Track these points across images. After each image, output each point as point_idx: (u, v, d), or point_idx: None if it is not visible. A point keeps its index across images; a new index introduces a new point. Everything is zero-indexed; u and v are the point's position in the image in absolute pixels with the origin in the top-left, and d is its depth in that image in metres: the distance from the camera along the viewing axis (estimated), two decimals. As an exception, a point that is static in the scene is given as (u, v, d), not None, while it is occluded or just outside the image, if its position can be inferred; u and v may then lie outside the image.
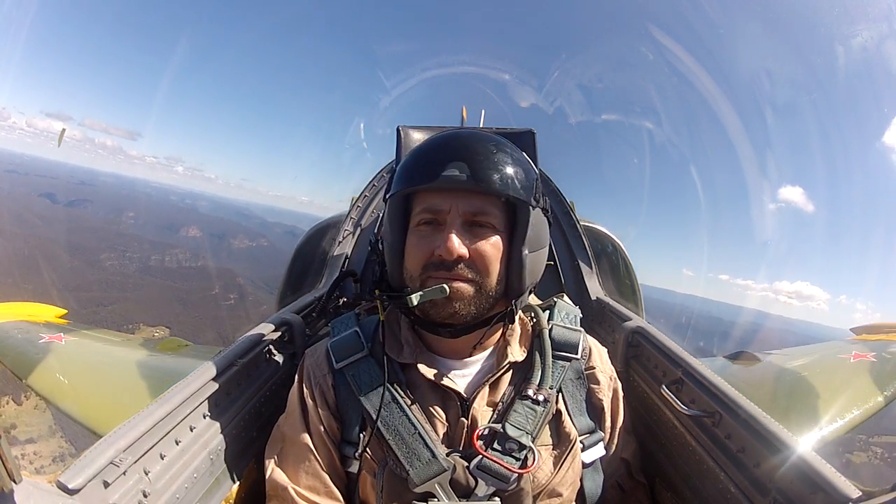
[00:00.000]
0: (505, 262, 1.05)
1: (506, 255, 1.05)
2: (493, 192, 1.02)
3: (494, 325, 1.09)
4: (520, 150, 1.12)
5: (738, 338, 69.43)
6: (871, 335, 3.25)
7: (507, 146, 1.09)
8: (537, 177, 1.09)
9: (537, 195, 1.07)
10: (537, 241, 1.08)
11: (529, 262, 1.06)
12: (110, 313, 61.92)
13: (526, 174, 1.06)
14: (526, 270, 1.05)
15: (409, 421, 1.03)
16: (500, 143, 1.09)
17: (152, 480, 0.95)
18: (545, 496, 1.05)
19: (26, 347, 2.72)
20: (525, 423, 1.04)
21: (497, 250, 1.04)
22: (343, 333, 1.17)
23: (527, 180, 1.05)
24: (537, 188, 1.07)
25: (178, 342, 3.23)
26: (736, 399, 1.07)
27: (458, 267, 1.01)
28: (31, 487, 0.70)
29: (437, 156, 1.04)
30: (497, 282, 1.05)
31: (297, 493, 1.05)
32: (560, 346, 1.16)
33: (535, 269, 1.10)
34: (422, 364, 1.10)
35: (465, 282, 1.02)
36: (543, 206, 1.09)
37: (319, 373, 1.16)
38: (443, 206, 1.02)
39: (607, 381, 1.21)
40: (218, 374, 1.20)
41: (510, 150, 1.08)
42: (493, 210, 1.04)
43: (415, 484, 0.99)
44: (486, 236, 1.03)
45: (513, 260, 1.05)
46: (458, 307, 1.02)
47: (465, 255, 1.00)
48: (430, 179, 1.02)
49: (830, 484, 0.81)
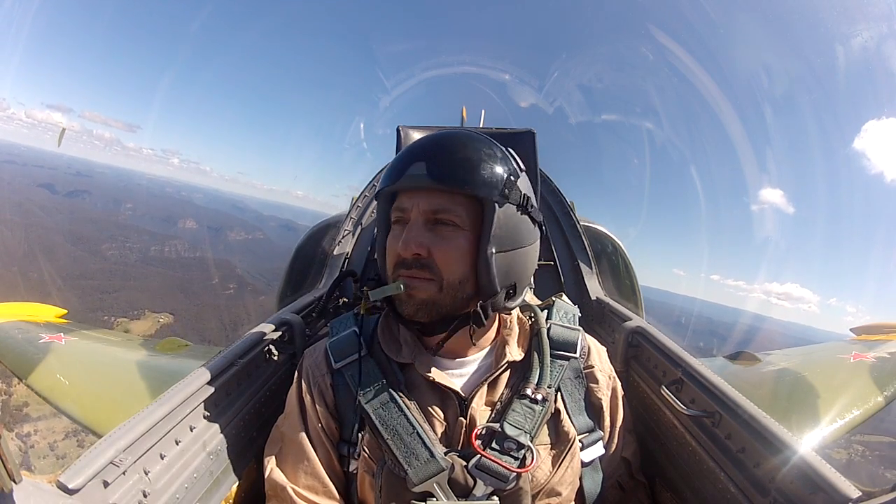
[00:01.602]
0: (471, 261, 1.03)
1: (472, 255, 1.03)
2: (450, 188, 1.01)
3: (460, 325, 1.07)
4: (496, 147, 1.08)
5: (728, 337, 69.56)
6: (870, 335, 3.25)
7: (480, 143, 1.06)
8: (511, 174, 1.04)
9: (507, 191, 1.02)
10: (510, 239, 1.04)
11: (499, 262, 1.02)
12: (115, 300, 62.81)
13: (493, 170, 1.02)
14: (494, 270, 1.02)
15: (407, 420, 1.03)
16: (471, 140, 1.06)
17: (152, 480, 0.95)
18: (544, 495, 1.05)
19: (26, 347, 2.72)
20: (523, 423, 1.04)
21: (457, 249, 1.02)
22: (342, 333, 1.18)
23: (493, 176, 1.02)
24: (508, 184, 1.03)
25: (177, 342, 3.23)
26: (736, 399, 1.07)
27: (416, 265, 1.02)
28: (31, 487, 0.70)
29: (405, 156, 1.05)
30: (461, 281, 1.03)
31: (295, 492, 1.06)
32: (558, 346, 1.16)
33: (512, 270, 1.06)
34: (420, 363, 1.10)
35: (424, 280, 1.02)
36: (519, 202, 1.05)
37: (318, 373, 1.16)
38: (407, 204, 1.04)
39: (606, 379, 1.21)
40: (218, 374, 1.20)
41: (481, 147, 1.05)
42: (455, 208, 1.02)
43: (413, 483, 0.99)
44: (446, 234, 1.02)
45: (479, 259, 1.02)
46: (419, 304, 1.03)
47: (421, 253, 1.01)
48: (395, 180, 1.04)
49: (830, 484, 0.81)
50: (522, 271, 1.10)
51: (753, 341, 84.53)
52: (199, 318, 61.45)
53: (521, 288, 1.11)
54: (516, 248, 1.06)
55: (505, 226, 1.03)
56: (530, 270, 1.13)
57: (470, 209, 1.03)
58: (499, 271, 1.03)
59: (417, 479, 0.99)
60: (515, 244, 1.06)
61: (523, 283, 1.11)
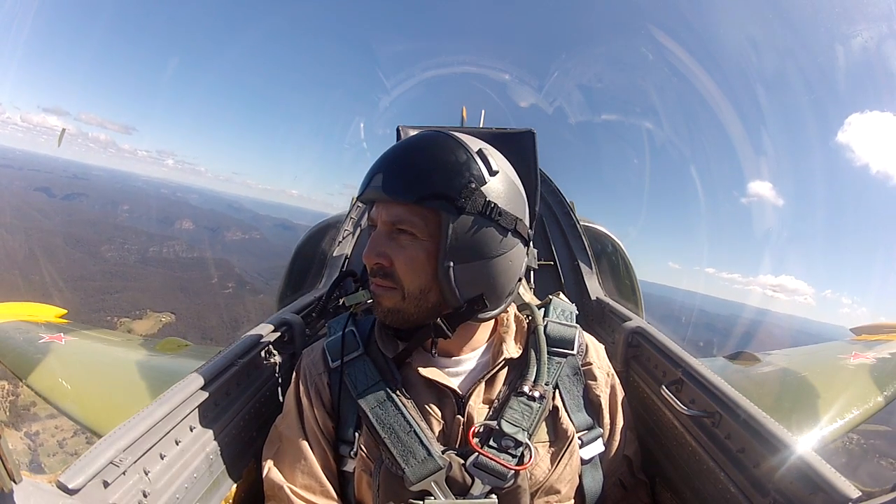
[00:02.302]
0: (431, 271, 1.01)
1: (432, 265, 1.01)
2: (400, 200, 1.01)
3: (423, 335, 1.07)
4: (462, 151, 1.02)
5: (729, 332, 69.11)
6: (871, 336, 3.26)
7: (439, 150, 1.02)
8: (471, 181, 0.98)
9: (463, 201, 0.97)
10: (471, 251, 0.99)
11: (459, 274, 0.99)
12: (117, 301, 63.28)
13: (449, 180, 0.98)
14: (453, 283, 0.99)
15: (404, 419, 1.03)
16: (432, 146, 1.03)
17: (152, 480, 0.95)
18: (543, 493, 1.05)
19: (26, 347, 2.72)
20: (521, 420, 1.04)
21: (415, 259, 1.01)
22: (338, 333, 1.18)
23: (448, 186, 0.97)
24: (466, 193, 0.97)
25: (177, 342, 3.23)
26: (736, 399, 1.07)
27: (379, 274, 1.03)
28: (31, 487, 0.70)
29: (371, 168, 1.06)
30: (422, 290, 1.02)
31: (292, 491, 1.06)
32: (556, 343, 1.16)
33: (478, 281, 1.02)
34: (417, 362, 1.10)
35: (387, 288, 1.04)
36: (480, 211, 0.98)
37: (315, 372, 1.16)
38: (374, 215, 1.07)
39: (604, 377, 1.21)
40: (218, 374, 1.20)
41: (439, 154, 1.01)
42: (412, 218, 1.00)
43: (411, 482, 0.99)
44: (403, 244, 1.02)
45: (438, 272, 1.00)
46: (385, 312, 1.06)
47: (382, 262, 1.02)
48: (361, 192, 1.07)
49: (830, 484, 0.81)
50: (492, 282, 1.04)
51: (754, 335, 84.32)
52: (200, 317, 61.82)
53: (493, 298, 1.06)
54: (480, 260, 1.01)
55: (463, 237, 0.98)
56: (504, 280, 1.06)
57: (429, 219, 1.00)
58: (459, 283, 1.00)
59: (415, 478, 0.99)
60: (478, 255, 1.00)
61: (496, 293, 1.06)
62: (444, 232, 0.98)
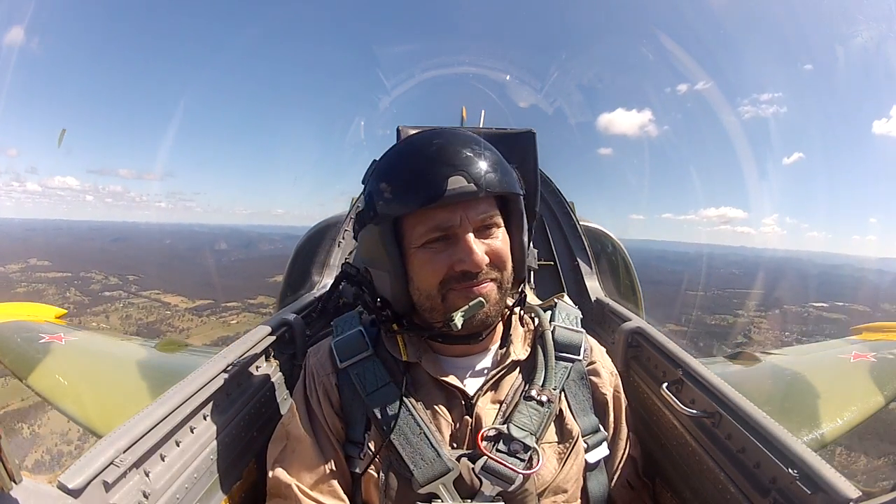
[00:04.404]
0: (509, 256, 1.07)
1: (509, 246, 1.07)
2: (499, 193, 1.03)
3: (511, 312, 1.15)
4: (484, 142, 1.08)
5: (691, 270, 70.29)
6: (871, 335, 3.25)
7: (482, 141, 1.07)
8: (514, 164, 1.10)
9: (521, 181, 1.09)
10: (526, 225, 1.12)
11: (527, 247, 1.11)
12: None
13: (508, 165, 1.07)
14: (526, 254, 1.10)
15: (414, 421, 1.03)
16: (479, 140, 1.07)
17: (152, 481, 0.95)
18: (550, 493, 1.05)
19: (26, 347, 2.72)
20: (529, 424, 1.04)
21: (506, 245, 1.06)
22: (347, 333, 1.17)
23: (511, 171, 1.07)
24: (518, 174, 1.09)
25: (177, 342, 3.23)
26: (736, 399, 1.07)
27: (482, 272, 1.01)
28: (31, 487, 0.70)
29: (432, 168, 0.98)
30: (510, 272, 1.07)
31: (300, 490, 1.05)
32: (562, 348, 1.16)
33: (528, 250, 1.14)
34: (426, 363, 1.10)
35: (489, 283, 1.03)
36: (523, 188, 1.10)
37: (323, 372, 1.15)
38: (453, 220, 0.99)
39: (609, 376, 1.21)
40: (218, 375, 1.20)
41: (488, 145, 1.07)
42: (493, 209, 1.05)
43: (419, 485, 0.99)
44: (495, 236, 1.04)
45: (515, 249, 1.08)
46: (489, 310, 1.03)
47: (487, 261, 1.01)
48: (436, 197, 0.96)
49: (830, 484, 0.81)
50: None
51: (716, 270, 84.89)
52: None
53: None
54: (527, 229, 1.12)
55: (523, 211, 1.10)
56: None
57: (499, 205, 1.07)
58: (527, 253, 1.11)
59: (423, 481, 0.99)
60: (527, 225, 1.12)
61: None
62: (519, 213, 1.09)
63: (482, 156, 1.02)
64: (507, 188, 1.03)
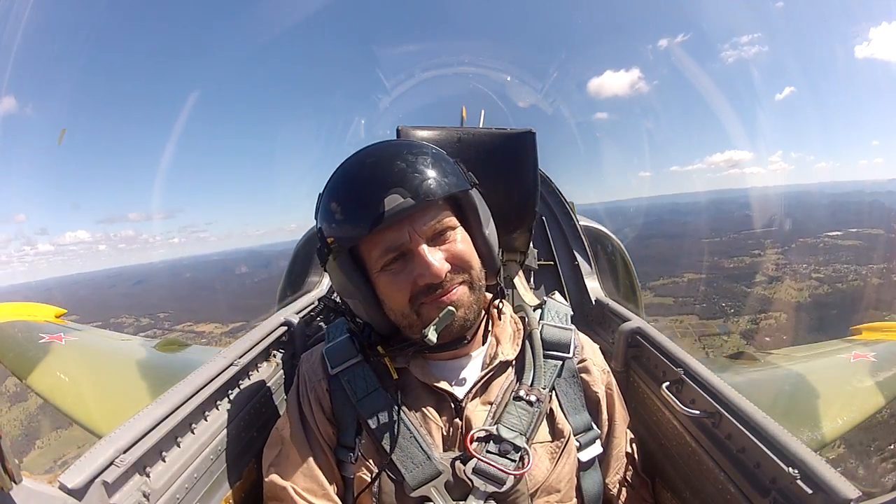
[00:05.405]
0: (475, 251, 1.07)
1: (472, 242, 1.06)
2: (440, 198, 0.99)
3: (491, 306, 1.14)
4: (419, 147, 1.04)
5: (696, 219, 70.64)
6: (871, 334, 3.25)
7: (415, 146, 1.04)
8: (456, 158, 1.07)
9: (467, 175, 1.06)
10: (487, 215, 1.10)
11: (491, 238, 1.10)
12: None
13: (447, 162, 1.04)
14: (493, 246, 1.10)
15: (404, 425, 1.04)
16: (411, 147, 1.04)
17: (152, 481, 0.95)
18: (543, 493, 1.05)
19: (26, 347, 2.71)
20: (518, 424, 1.04)
21: (466, 243, 1.05)
22: (338, 339, 1.18)
23: (453, 168, 1.04)
24: (462, 168, 1.06)
25: (177, 342, 3.23)
26: (736, 399, 1.07)
27: (446, 280, 1.00)
28: (31, 487, 0.70)
29: (367, 192, 0.96)
30: (479, 269, 1.06)
31: (296, 492, 1.05)
32: (551, 346, 1.16)
33: (496, 240, 1.12)
34: (415, 367, 1.10)
35: (459, 286, 1.02)
36: (473, 180, 1.08)
37: (315, 378, 1.16)
38: (402, 238, 0.98)
39: (600, 373, 1.21)
40: (218, 375, 1.20)
41: (421, 148, 1.03)
42: (442, 213, 1.02)
43: (411, 488, 0.99)
44: (451, 238, 1.03)
45: (479, 244, 1.07)
46: (465, 314, 1.03)
47: (448, 268, 1.00)
48: (377, 221, 0.93)
49: (830, 484, 0.81)
50: (496, 237, 1.14)
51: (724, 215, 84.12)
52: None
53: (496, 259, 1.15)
54: (490, 220, 1.12)
55: (480, 205, 1.08)
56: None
57: (450, 205, 1.05)
58: (494, 246, 1.10)
59: (415, 484, 0.99)
60: (489, 216, 1.11)
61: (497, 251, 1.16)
62: (472, 208, 1.06)
63: (417, 164, 0.98)
64: (449, 189, 0.99)
